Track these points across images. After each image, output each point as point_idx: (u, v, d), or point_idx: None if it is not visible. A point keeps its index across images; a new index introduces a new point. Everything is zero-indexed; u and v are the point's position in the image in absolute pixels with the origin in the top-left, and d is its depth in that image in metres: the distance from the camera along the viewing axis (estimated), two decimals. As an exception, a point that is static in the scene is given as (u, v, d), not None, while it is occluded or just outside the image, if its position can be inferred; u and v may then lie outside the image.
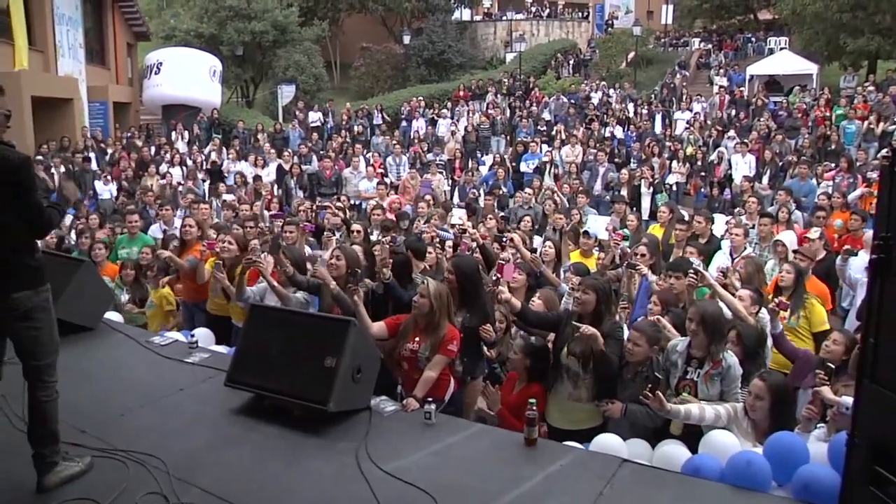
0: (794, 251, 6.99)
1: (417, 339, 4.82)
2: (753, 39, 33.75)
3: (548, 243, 7.98)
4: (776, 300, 5.38)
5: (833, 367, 4.25)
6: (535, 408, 4.12)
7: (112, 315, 6.65)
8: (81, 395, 4.72)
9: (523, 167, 16.12)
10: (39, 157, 15.45)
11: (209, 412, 4.63)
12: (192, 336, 5.97)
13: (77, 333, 5.95)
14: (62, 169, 15.15)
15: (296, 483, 3.80)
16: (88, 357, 5.51)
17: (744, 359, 4.64)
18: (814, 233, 7.85)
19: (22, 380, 3.75)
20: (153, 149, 18.41)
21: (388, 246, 6.41)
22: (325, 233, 8.22)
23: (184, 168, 16.52)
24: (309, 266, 6.13)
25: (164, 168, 16.13)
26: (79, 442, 4.08)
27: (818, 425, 4.11)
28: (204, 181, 15.89)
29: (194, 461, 4.00)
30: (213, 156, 17.60)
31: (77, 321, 6.06)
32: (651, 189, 13.45)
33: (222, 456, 4.08)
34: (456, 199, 14.05)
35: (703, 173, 15.86)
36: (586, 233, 8.02)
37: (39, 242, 3.83)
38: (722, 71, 27.29)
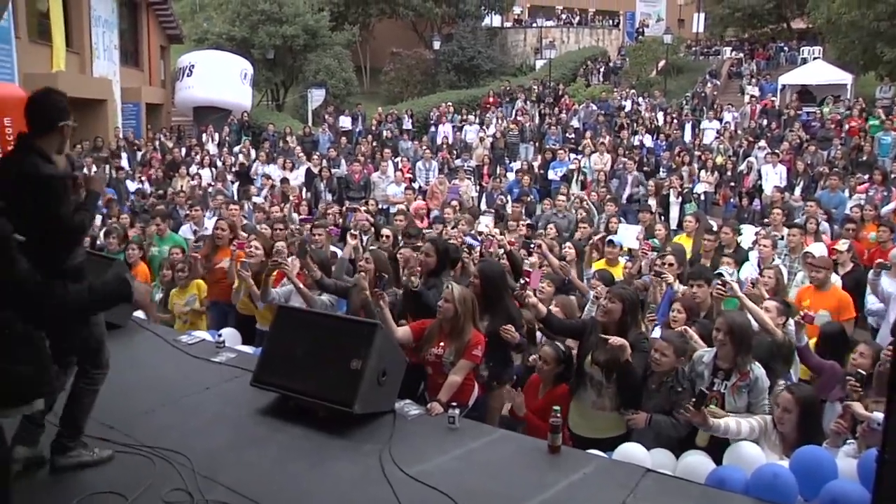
0: (808, 263, 6.92)
1: (442, 343, 4.82)
2: (786, 49, 33.34)
3: (567, 244, 7.96)
4: (801, 313, 5.32)
5: (864, 374, 4.20)
6: (558, 415, 4.11)
7: (141, 313, 6.73)
8: (109, 391, 4.76)
9: (551, 174, 16.06)
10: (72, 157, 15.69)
11: (234, 412, 4.67)
12: (220, 336, 6.03)
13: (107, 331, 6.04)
14: (94, 168, 15.37)
15: (319, 484, 3.82)
16: (116, 354, 5.47)
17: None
18: (842, 245, 7.76)
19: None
20: (184, 150, 18.63)
21: (416, 254, 6.40)
22: (348, 233, 8.21)
23: (213, 170, 16.69)
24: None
25: (193, 169, 16.31)
26: (106, 437, 4.13)
27: (847, 441, 4.05)
28: (233, 183, 16.04)
29: (219, 459, 4.03)
30: (242, 158, 17.77)
31: (107, 319, 6.14)
32: (679, 199, 13.35)
33: (247, 455, 4.11)
34: (483, 205, 14.04)
35: (732, 183, 15.71)
36: (611, 241, 7.99)
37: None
38: (753, 80, 27.00)
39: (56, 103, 3.61)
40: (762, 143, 17.29)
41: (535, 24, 39.96)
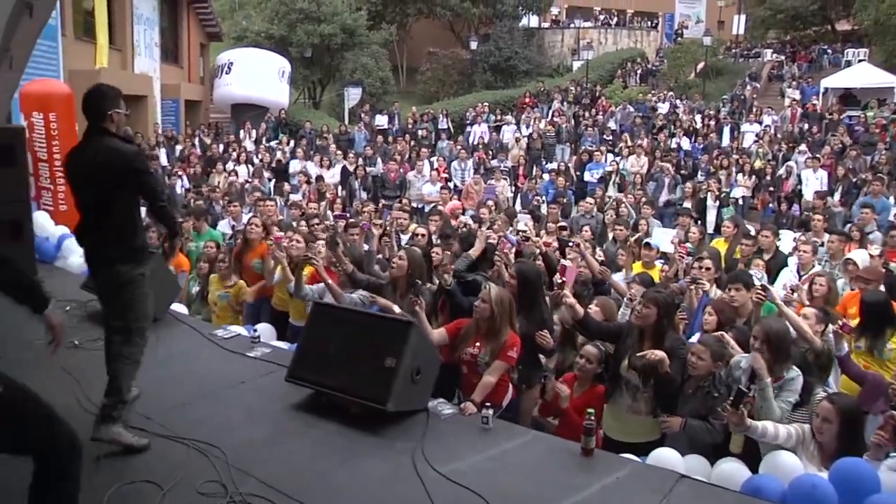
0: (853, 278, 6.74)
1: (478, 343, 4.82)
2: (829, 51, 32.74)
3: (598, 252, 7.91)
4: (840, 322, 5.11)
5: None
6: (592, 418, 4.08)
7: (177, 307, 6.82)
8: (147, 383, 4.85)
9: (587, 176, 15.98)
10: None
11: (269, 406, 4.71)
12: (255, 331, 6.09)
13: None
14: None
15: (351, 480, 3.83)
16: (154, 347, 5.62)
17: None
18: (874, 249, 7.60)
19: (99, 364, 4.12)
20: (221, 146, 18.83)
21: (449, 253, 6.41)
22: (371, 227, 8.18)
23: (250, 166, 16.86)
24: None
25: (230, 165, 16.48)
26: (144, 427, 4.21)
27: (890, 454, 3.95)
28: (270, 179, 16.19)
29: (253, 453, 4.07)
30: (279, 155, 17.92)
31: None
32: (717, 203, 13.19)
33: (280, 449, 4.15)
34: (518, 206, 14.01)
35: (771, 188, 15.49)
36: (647, 244, 7.91)
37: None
38: (794, 83, 26.58)
39: (102, 95, 4.05)
40: (802, 147, 17.02)
41: (572, 25, 39.71)
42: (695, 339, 5.37)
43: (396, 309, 5.36)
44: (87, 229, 4.13)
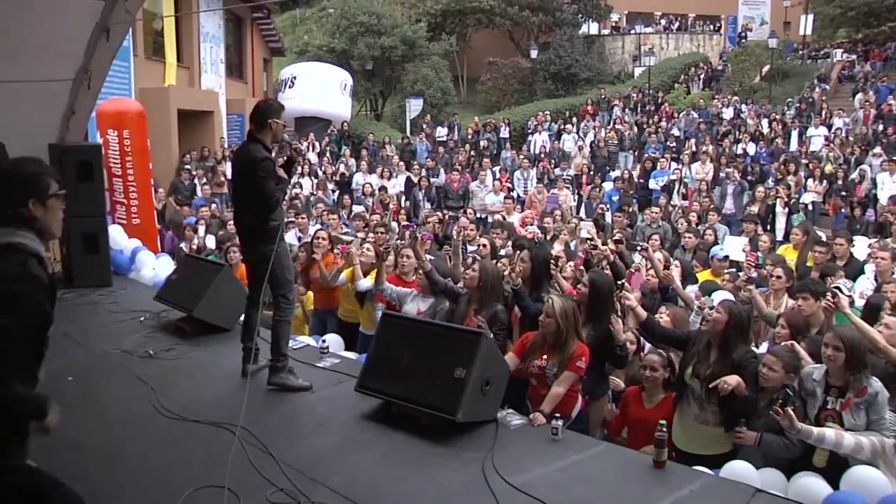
0: None
1: (545, 356, 4.80)
2: (906, 48, 31.53)
3: (675, 262, 7.79)
4: None
5: None
6: (664, 429, 4.03)
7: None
8: (219, 393, 5.01)
9: (652, 184, 15.77)
10: (186, 166, 16.44)
11: (339, 416, 4.78)
12: (324, 341, 6.18)
13: (214, 334, 6.31)
14: (203, 179, 16.02)
15: (422, 491, 3.86)
16: (225, 357, 5.79)
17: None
18: None
19: (173, 373, 4.74)
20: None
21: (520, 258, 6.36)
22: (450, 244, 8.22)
23: (314, 179, 17.11)
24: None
25: (295, 178, 16.73)
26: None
27: None
28: (333, 192, 16.40)
29: (324, 462, 4.14)
30: (343, 167, 18.15)
31: (215, 322, 6.43)
32: (786, 209, 12.88)
33: (351, 459, 4.20)
34: (582, 214, 13.91)
35: (843, 193, 15.03)
36: (713, 256, 7.81)
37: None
38: (868, 83, 25.71)
39: (267, 107, 5.16)
40: (877, 149, 16.44)
41: (633, 31, 39.26)
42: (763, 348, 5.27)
43: None
44: (239, 214, 5.30)
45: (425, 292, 6.15)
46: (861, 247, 8.93)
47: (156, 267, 8.68)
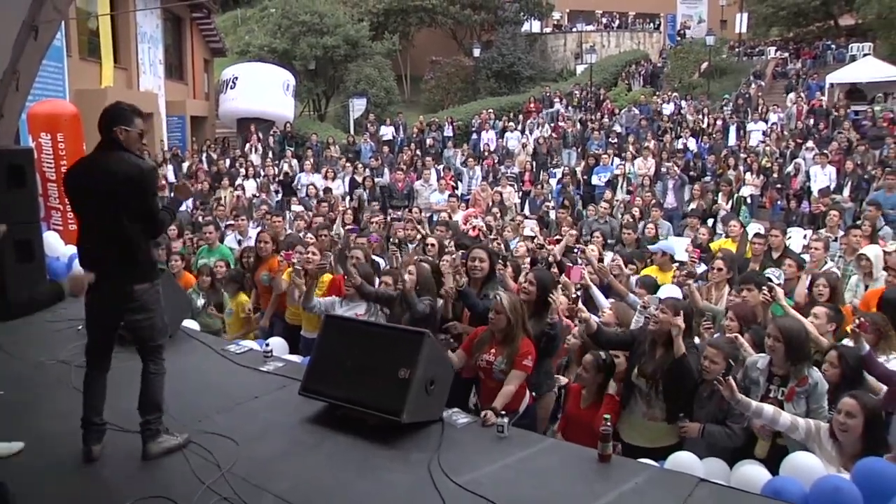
0: (886, 268, 6.66)
1: (493, 350, 4.81)
2: (833, 46, 32.60)
3: (616, 257, 7.88)
4: (857, 320, 4.85)
5: None
6: (608, 423, 4.05)
7: (189, 323, 6.82)
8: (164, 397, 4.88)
9: (595, 180, 15.96)
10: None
11: (283, 420, 4.70)
12: (267, 345, 6.08)
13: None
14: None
15: (368, 493, 3.81)
16: (168, 364, 5.64)
17: (840, 382, 4.44)
18: (891, 245, 7.53)
19: (112, 382, 4.31)
20: (228, 161, 18.87)
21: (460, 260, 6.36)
22: (390, 246, 8.24)
23: (257, 180, 16.88)
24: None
25: (238, 180, 16.50)
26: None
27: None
28: (277, 193, 16.20)
29: (268, 468, 4.06)
30: (286, 168, 17.95)
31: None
32: (729, 203, 13.13)
33: (296, 463, 4.14)
34: (526, 212, 13.97)
35: (779, 186, 15.43)
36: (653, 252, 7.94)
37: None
38: (800, 80, 26.47)
39: (115, 112, 4.08)
40: (810, 143, 16.94)
41: (574, 29, 39.67)
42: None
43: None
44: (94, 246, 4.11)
45: (351, 297, 6.12)
46: (797, 238, 9.15)
47: (94, 274, 8.42)
